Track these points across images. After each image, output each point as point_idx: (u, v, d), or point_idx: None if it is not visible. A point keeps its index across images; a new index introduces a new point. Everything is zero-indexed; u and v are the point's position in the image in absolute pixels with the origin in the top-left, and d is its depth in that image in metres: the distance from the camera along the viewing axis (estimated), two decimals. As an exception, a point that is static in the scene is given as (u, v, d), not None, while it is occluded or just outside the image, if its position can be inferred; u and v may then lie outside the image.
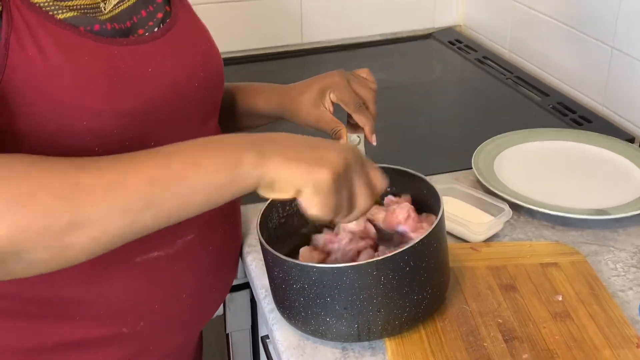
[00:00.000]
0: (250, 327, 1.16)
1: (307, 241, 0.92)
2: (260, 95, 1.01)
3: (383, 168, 0.88)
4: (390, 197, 0.93)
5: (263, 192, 0.66)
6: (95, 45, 0.72)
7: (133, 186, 0.61)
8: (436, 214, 0.82)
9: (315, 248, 0.89)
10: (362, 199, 0.69)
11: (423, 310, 0.81)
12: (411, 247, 0.77)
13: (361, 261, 0.78)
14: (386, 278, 0.76)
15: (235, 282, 1.08)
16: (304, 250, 0.88)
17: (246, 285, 1.11)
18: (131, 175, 0.61)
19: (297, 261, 0.79)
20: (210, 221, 0.85)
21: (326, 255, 0.87)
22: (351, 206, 0.69)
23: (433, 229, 0.79)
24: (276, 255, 0.79)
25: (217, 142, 0.65)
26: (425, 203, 0.88)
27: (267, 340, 1.04)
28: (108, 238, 0.61)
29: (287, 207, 0.91)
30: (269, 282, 0.87)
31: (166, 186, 0.62)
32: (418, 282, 0.79)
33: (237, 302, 1.12)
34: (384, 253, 0.81)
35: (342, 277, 0.76)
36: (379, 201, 0.92)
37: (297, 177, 0.65)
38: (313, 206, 0.66)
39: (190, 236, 0.83)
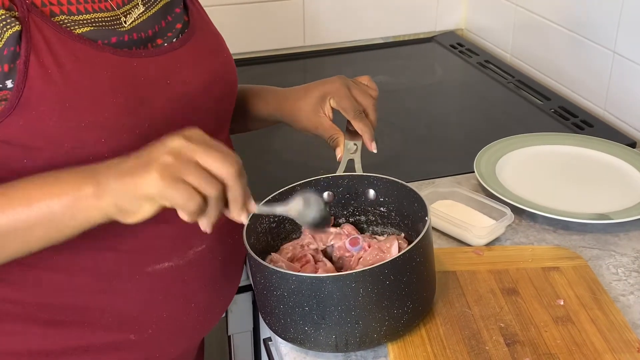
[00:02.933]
0: (252, 329, 1.16)
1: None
2: (260, 99, 1.01)
3: (370, 177, 0.91)
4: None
5: (123, 220, 0.66)
6: (113, 58, 0.73)
7: None
8: (423, 227, 0.81)
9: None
10: (220, 168, 0.64)
11: (403, 325, 0.80)
12: (392, 260, 0.76)
13: (341, 272, 0.77)
14: (365, 290, 0.76)
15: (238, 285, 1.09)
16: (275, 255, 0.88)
17: (248, 288, 1.11)
18: None
19: (277, 268, 0.79)
20: (220, 232, 0.85)
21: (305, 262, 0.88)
22: (212, 179, 0.64)
23: (417, 242, 0.78)
24: (258, 261, 0.79)
25: (53, 177, 0.67)
26: (416, 215, 0.87)
27: (270, 343, 1.04)
28: None
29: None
30: (253, 287, 0.86)
31: (14, 220, 0.66)
32: (399, 296, 0.78)
33: (239, 305, 1.13)
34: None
35: (321, 287, 0.75)
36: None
37: (132, 193, 0.64)
38: (179, 211, 0.64)
39: (201, 247, 0.84)
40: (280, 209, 0.75)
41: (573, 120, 1.41)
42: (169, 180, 0.62)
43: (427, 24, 1.88)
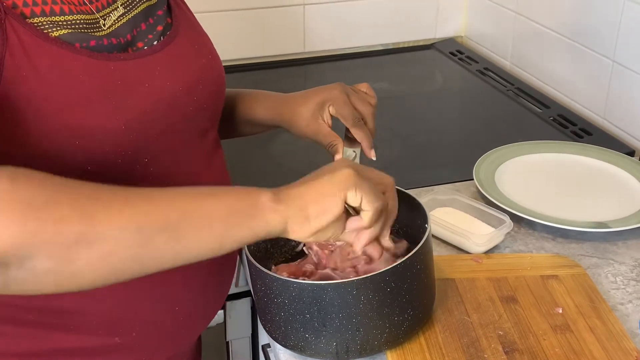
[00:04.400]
0: (250, 335, 1.17)
1: (298, 255, 0.92)
2: (259, 103, 1.01)
3: None
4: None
5: (300, 228, 0.68)
6: (90, 61, 0.71)
7: (151, 206, 0.62)
8: (423, 234, 0.81)
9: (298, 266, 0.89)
10: (383, 178, 0.74)
11: (404, 332, 0.80)
12: (393, 267, 0.76)
13: (342, 280, 0.77)
14: (366, 298, 0.76)
15: (236, 290, 1.10)
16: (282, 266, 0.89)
17: (247, 294, 1.12)
18: (149, 198, 0.63)
19: (278, 275, 0.79)
20: None
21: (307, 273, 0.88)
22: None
23: (417, 250, 0.78)
24: (258, 268, 0.79)
25: (226, 190, 0.69)
26: (415, 222, 0.87)
27: (268, 349, 1.04)
28: (117, 259, 0.61)
29: None
30: (252, 294, 0.86)
31: (184, 211, 0.63)
32: (399, 304, 0.78)
33: (237, 310, 1.13)
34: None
35: (322, 295, 0.75)
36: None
37: (325, 191, 0.68)
38: (365, 206, 0.69)
39: None
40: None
41: (572, 128, 1.42)
42: (362, 176, 0.69)
43: (426, 31, 1.88)
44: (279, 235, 0.68)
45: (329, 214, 0.67)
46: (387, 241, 0.76)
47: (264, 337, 1.10)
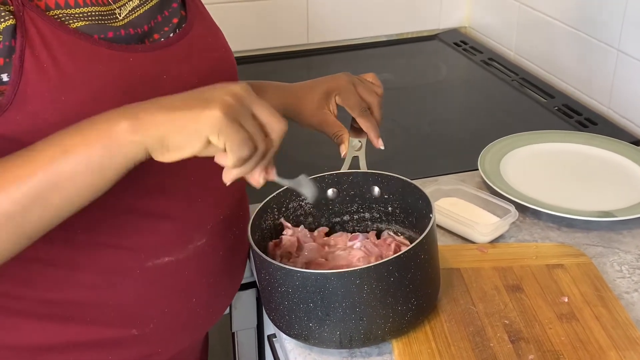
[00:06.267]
0: (256, 325, 1.16)
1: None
2: (265, 93, 1.00)
3: (375, 175, 0.92)
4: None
5: (161, 156, 0.63)
6: (109, 52, 0.72)
7: (15, 186, 0.62)
8: (428, 224, 0.81)
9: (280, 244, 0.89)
10: (272, 122, 0.65)
11: (408, 321, 0.81)
12: (397, 257, 0.76)
13: (346, 269, 0.77)
14: (369, 287, 0.76)
15: (241, 281, 1.08)
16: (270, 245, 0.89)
17: (252, 284, 1.11)
18: (13, 174, 0.62)
19: (281, 264, 0.79)
20: (220, 225, 0.85)
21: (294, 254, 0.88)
22: (262, 134, 0.65)
23: (422, 239, 0.78)
24: (262, 257, 0.79)
25: (87, 122, 0.64)
26: (420, 212, 0.87)
27: (274, 339, 1.04)
28: None
29: (283, 209, 0.91)
30: (257, 283, 0.85)
31: (42, 178, 0.62)
32: (403, 293, 0.78)
33: (243, 301, 1.12)
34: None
35: (325, 284, 0.75)
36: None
37: (187, 126, 0.62)
38: (228, 152, 0.63)
39: (201, 241, 0.83)
40: (292, 184, 0.76)
41: (577, 118, 1.41)
42: (230, 119, 0.62)
43: (430, 21, 1.87)
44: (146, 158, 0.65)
45: (188, 149, 0.63)
46: (271, 175, 0.71)
47: (269, 328, 1.10)
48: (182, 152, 0.63)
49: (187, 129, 0.62)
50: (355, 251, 0.88)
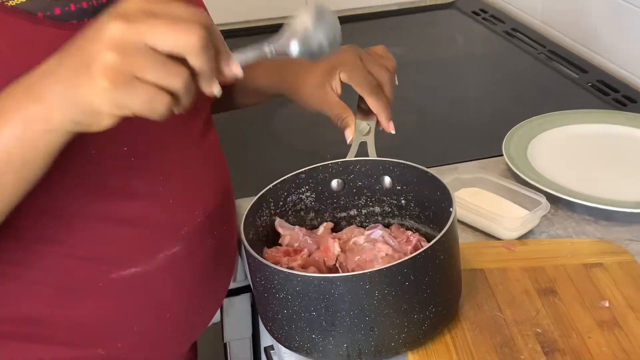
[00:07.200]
0: (251, 335, 1.17)
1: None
2: (258, 68, 0.98)
3: (386, 163, 0.91)
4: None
5: (91, 130, 0.59)
6: (55, 33, 0.69)
7: None
8: (448, 219, 0.80)
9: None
10: (178, 42, 0.55)
11: (425, 331, 0.80)
12: (412, 258, 0.75)
13: (354, 272, 0.77)
14: (381, 293, 0.75)
15: (234, 285, 1.09)
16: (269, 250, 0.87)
17: (247, 289, 1.12)
18: None
19: (279, 268, 0.78)
20: (198, 229, 0.84)
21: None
22: (175, 69, 0.56)
23: (441, 237, 0.77)
24: (258, 260, 0.78)
25: None
26: (438, 205, 0.86)
27: (272, 352, 1.04)
28: None
29: (281, 203, 0.90)
30: (252, 289, 0.85)
31: None
32: (420, 299, 0.78)
33: (236, 308, 1.13)
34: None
35: (330, 289, 0.75)
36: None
37: (83, 105, 0.57)
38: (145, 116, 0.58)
39: (174, 249, 0.81)
40: (276, 42, 0.65)
41: (614, 95, 1.41)
42: (121, 84, 0.55)
43: (446, -13, 1.87)
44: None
45: (101, 127, 0.59)
46: (233, 68, 0.63)
47: (266, 339, 1.10)
48: (100, 128, 0.59)
49: (85, 110, 0.57)
50: (381, 245, 0.87)
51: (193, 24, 0.56)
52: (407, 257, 0.76)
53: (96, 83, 0.55)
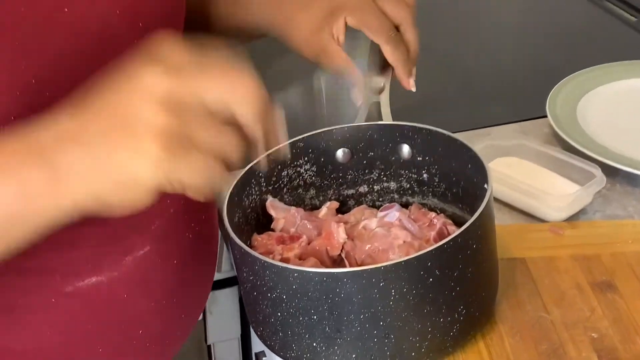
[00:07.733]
0: (239, 336, 1.19)
1: None
2: (242, 4, 0.97)
3: (403, 128, 0.90)
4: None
5: (108, 211, 0.60)
6: None
7: None
8: (481, 198, 0.78)
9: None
10: (235, 100, 0.58)
11: (453, 338, 0.79)
12: (437, 248, 0.74)
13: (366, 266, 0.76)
14: (399, 292, 0.74)
15: (218, 276, 1.10)
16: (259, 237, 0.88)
17: (234, 281, 1.12)
18: None
19: (271, 260, 0.76)
20: (172, 223, 0.84)
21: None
22: (228, 131, 0.58)
23: (474, 221, 0.76)
24: (244, 249, 0.77)
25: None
26: (469, 180, 0.86)
27: (264, 359, 1.06)
28: None
29: (274, 178, 0.90)
30: (239, 285, 0.86)
31: None
32: (447, 299, 0.77)
33: (221, 304, 1.14)
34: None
35: (335, 288, 0.74)
36: None
37: (120, 180, 0.57)
38: (191, 191, 0.59)
39: (143, 250, 0.81)
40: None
41: (681, 42, 1.41)
42: (178, 151, 0.56)
43: None
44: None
45: (136, 206, 0.59)
46: (281, 138, 0.65)
47: (258, 342, 1.08)
48: (128, 210, 0.59)
49: (124, 185, 0.58)
50: (397, 230, 0.85)
51: (248, 78, 0.58)
52: (431, 247, 0.74)
53: (145, 150, 0.55)
